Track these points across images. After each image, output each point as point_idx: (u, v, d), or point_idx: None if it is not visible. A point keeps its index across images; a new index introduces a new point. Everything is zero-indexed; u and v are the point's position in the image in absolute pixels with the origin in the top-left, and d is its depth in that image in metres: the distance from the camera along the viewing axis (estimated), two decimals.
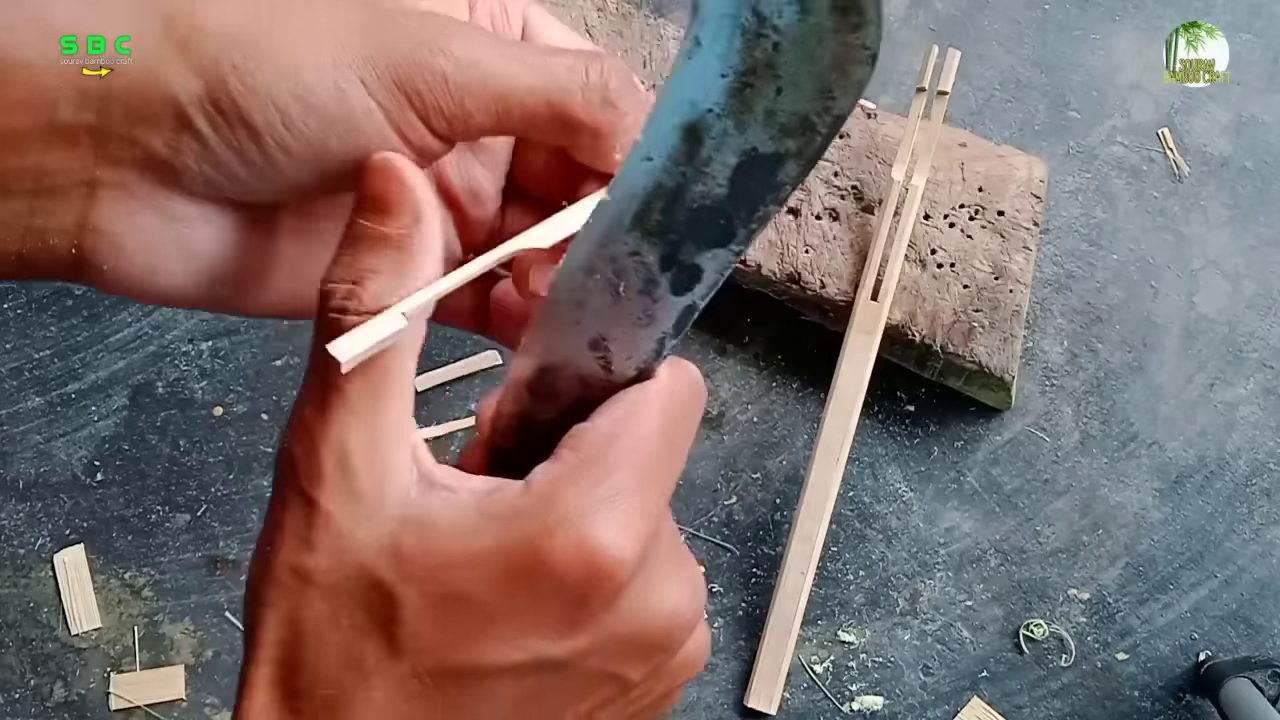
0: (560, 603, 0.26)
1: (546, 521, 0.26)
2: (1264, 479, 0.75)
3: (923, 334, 0.71)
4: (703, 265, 0.27)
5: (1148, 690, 0.72)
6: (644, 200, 0.26)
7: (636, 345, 0.28)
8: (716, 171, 0.25)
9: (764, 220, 0.26)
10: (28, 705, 0.71)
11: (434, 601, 0.26)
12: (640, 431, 0.28)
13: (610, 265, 0.27)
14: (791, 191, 0.26)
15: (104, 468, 0.75)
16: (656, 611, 0.28)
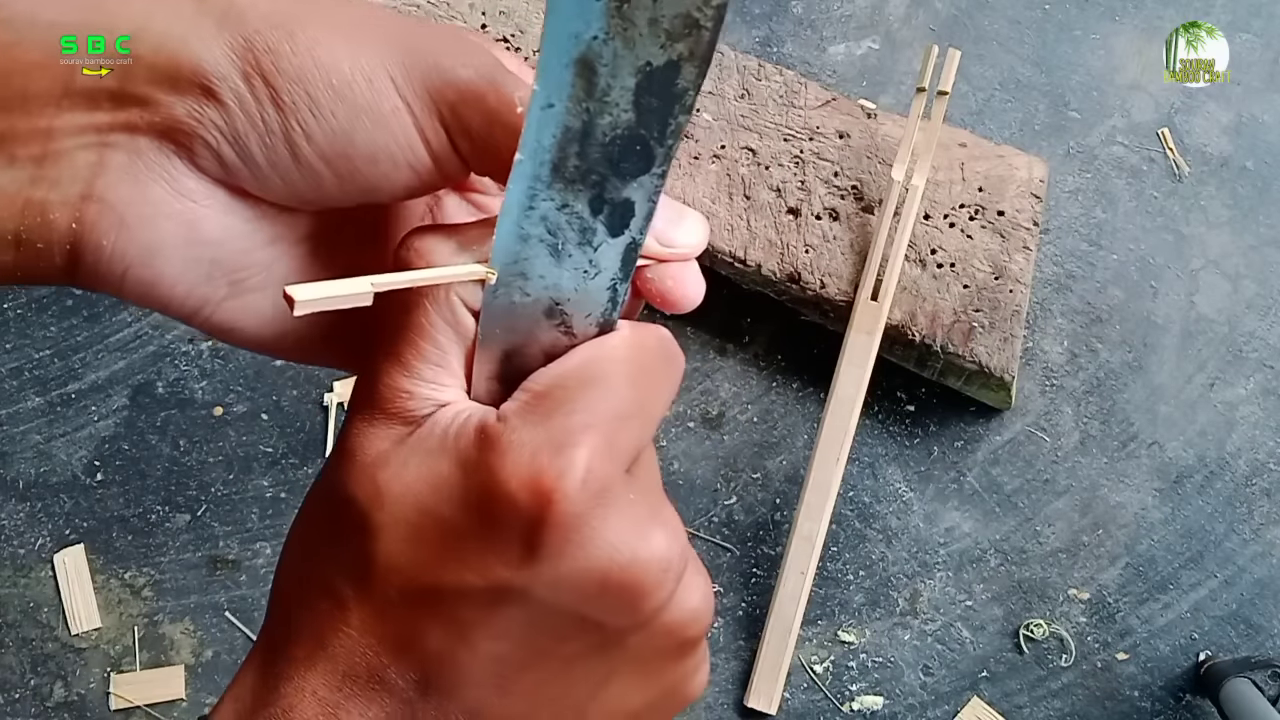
0: (517, 526, 0.26)
1: (502, 449, 0.26)
2: (1264, 479, 0.75)
3: (923, 334, 0.71)
4: (632, 198, 0.27)
5: (1148, 690, 0.72)
6: (556, 149, 0.26)
7: (591, 300, 0.28)
8: (618, 98, 0.25)
9: (677, 133, 0.26)
10: (28, 705, 0.71)
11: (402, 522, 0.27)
12: (597, 375, 0.28)
13: (542, 225, 0.27)
14: (694, 97, 0.25)
15: (104, 468, 0.75)
16: (624, 550, 0.27)
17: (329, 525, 0.28)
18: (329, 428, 0.75)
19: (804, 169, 0.73)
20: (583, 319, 0.28)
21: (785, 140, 0.74)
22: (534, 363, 0.29)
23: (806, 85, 0.75)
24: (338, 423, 0.75)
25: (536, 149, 0.26)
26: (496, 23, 0.74)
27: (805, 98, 0.75)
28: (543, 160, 0.26)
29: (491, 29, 0.74)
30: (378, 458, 0.27)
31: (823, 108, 0.75)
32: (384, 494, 0.27)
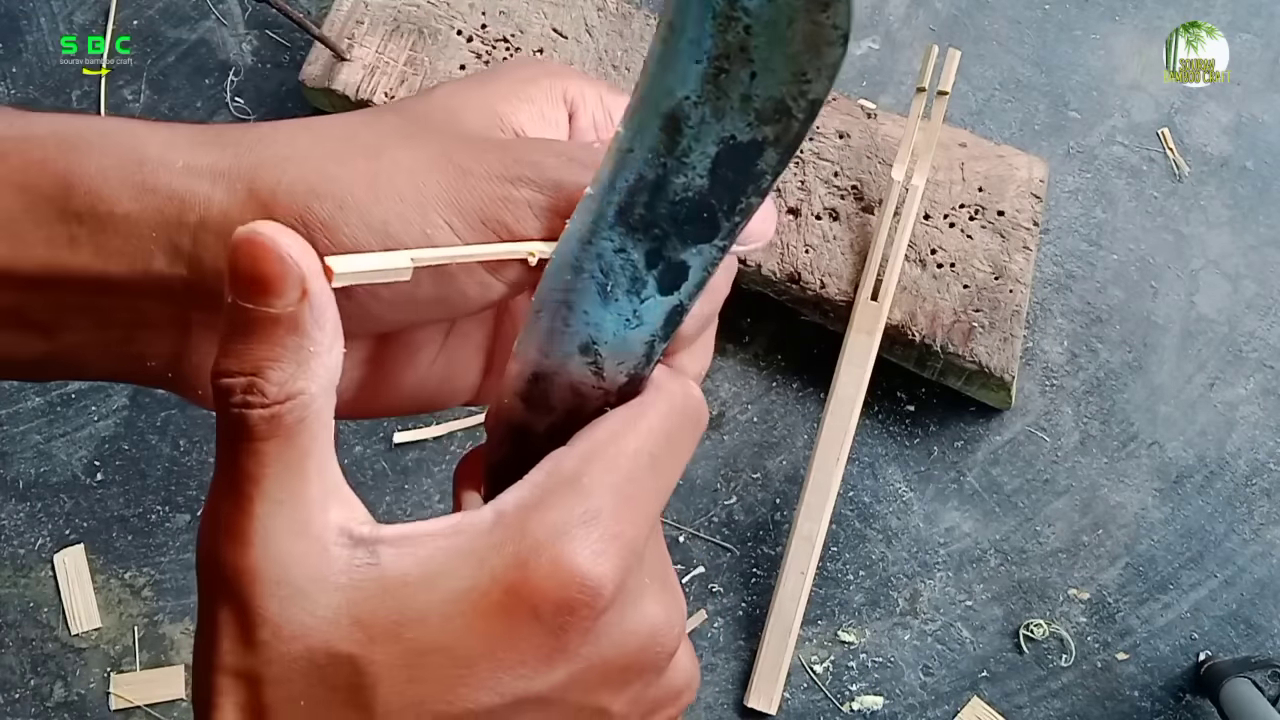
0: (537, 636, 0.25)
1: (519, 551, 0.25)
2: (1264, 479, 0.75)
3: (923, 334, 0.71)
4: (689, 262, 0.27)
5: (1148, 690, 0.72)
6: (626, 194, 0.26)
7: (626, 350, 0.28)
8: (696, 161, 0.25)
9: (746, 213, 0.26)
10: (28, 705, 0.71)
11: (405, 657, 0.25)
12: (621, 451, 0.27)
13: (597, 263, 0.27)
14: (773, 182, 0.26)
15: (104, 468, 0.75)
16: (634, 633, 0.27)
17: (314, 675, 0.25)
18: None
19: (804, 169, 0.73)
20: (614, 365, 0.28)
21: None
22: (558, 391, 0.29)
23: None
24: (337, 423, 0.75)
25: (607, 188, 0.26)
26: (496, 22, 0.74)
27: None
28: (610, 200, 0.26)
29: (491, 29, 0.74)
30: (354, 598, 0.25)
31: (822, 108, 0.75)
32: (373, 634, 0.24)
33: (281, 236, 0.24)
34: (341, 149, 0.28)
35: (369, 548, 0.25)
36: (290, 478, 0.25)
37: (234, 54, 0.81)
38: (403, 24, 0.74)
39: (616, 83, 0.74)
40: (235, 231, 0.24)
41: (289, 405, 0.25)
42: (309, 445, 0.25)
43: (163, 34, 0.81)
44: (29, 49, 0.81)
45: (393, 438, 0.75)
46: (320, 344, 0.25)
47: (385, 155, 0.27)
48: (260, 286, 0.24)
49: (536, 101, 0.32)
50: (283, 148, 0.28)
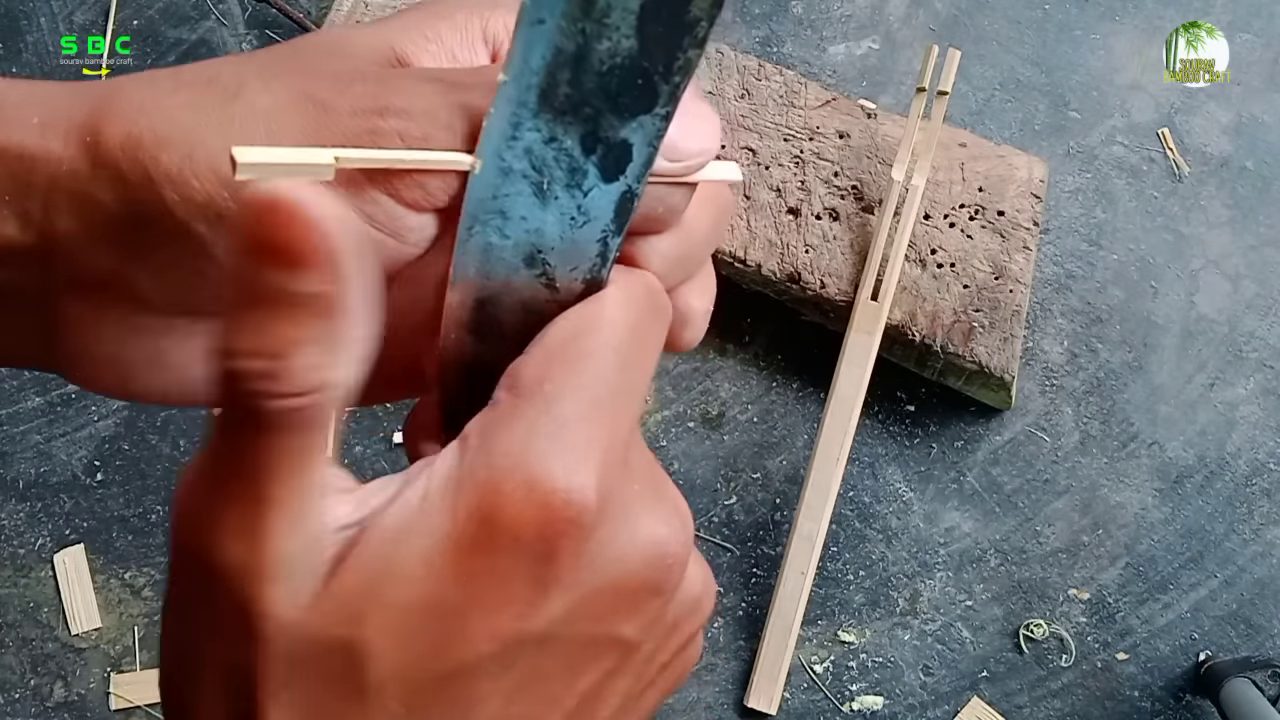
0: (524, 567, 0.22)
1: (489, 477, 0.22)
2: (1264, 479, 0.75)
3: (923, 334, 0.71)
4: (630, 139, 0.23)
5: (1148, 690, 0.72)
6: (545, 73, 0.22)
7: (578, 252, 0.25)
8: (619, 20, 0.22)
9: (686, 70, 0.22)
10: (28, 705, 0.71)
11: (390, 625, 0.22)
12: (582, 350, 0.24)
13: (526, 159, 0.23)
14: (709, 30, 0.22)
15: (104, 468, 0.75)
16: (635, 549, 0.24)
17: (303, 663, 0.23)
18: None
19: (804, 169, 0.73)
20: (567, 272, 0.25)
21: (785, 140, 0.74)
22: (509, 315, 0.25)
23: (806, 85, 0.75)
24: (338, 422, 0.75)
25: (523, 70, 0.22)
26: None
27: (805, 98, 0.75)
28: (529, 84, 0.22)
29: None
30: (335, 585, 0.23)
31: (823, 108, 0.75)
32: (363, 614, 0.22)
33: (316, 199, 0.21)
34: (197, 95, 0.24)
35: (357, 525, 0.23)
36: (298, 473, 0.22)
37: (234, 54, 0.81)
38: None
39: None
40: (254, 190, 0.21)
41: (312, 398, 0.21)
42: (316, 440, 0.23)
43: (163, 34, 0.81)
44: (29, 49, 0.81)
45: (393, 438, 0.75)
46: (351, 335, 0.22)
47: (241, 98, 0.24)
48: (287, 259, 0.21)
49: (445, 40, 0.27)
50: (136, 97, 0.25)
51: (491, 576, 0.22)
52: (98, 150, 0.24)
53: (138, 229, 0.24)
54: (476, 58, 0.27)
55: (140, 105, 0.24)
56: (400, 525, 0.22)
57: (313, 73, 0.25)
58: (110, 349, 0.27)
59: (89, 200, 0.24)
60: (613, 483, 0.23)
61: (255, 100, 0.24)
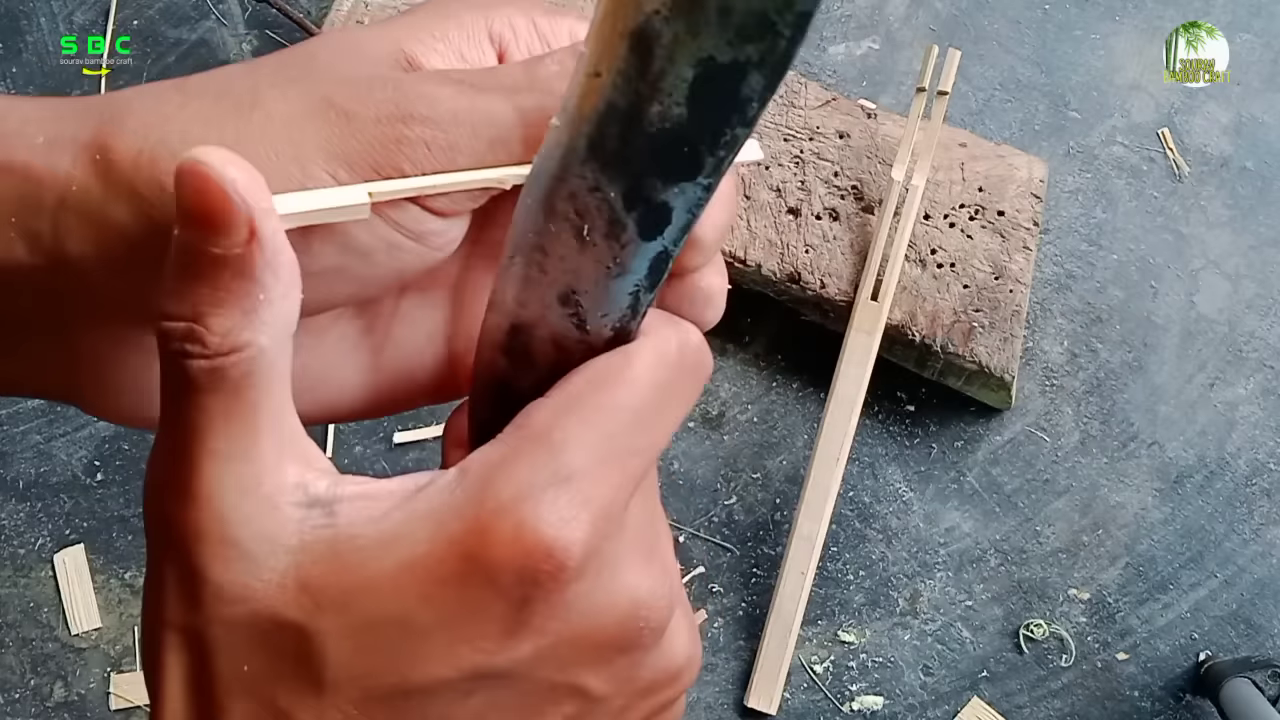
0: (497, 607, 0.22)
1: (480, 515, 0.22)
2: (1264, 479, 0.75)
3: (923, 334, 0.71)
4: (670, 203, 0.24)
5: (1148, 690, 0.72)
6: (596, 124, 0.23)
7: (609, 299, 0.25)
8: (672, 87, 0.22)
9: (731, 147, 0.23)
10: (28, 705, 0.71)
11: (354, 627, 0.22)
12: (600, 404, 0.24)
13: (571, 203, 0.24)
14: (760, 110, 0.23)
15: (104, 468, 0.75)
16: (611, 605, 0.24)
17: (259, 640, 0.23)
18: (329, 427, 0.75)
19: (804, 169, 0.73)
20: (598, 317, 0.25)
21: (785, 140, 0.74)
22: (540, 346, 0.26)
23: (806, 85, 0.75)
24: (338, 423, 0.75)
25: (575, 118, 0.23)
26: None
27: (805, 98, 0.75)
28: (580, 131, 0.23)
29: None
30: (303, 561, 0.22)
31: (823, 108, 0.75)
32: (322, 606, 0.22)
33: (228, 166, 0.21)
34: (210, 107, 0.24)
35: (326, 507, 0.23)
36: (239, 434, 0.22)
37: (234, 54, 0.81)
38: None
39: None
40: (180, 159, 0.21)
41: (234, 358, 0.22)
42: (259, 400, 0.23)
43: (163, 34, 0.81)
44: (29, 49, 0.81)
45: (393, 438, 0.75)
46: (272, 290, 0.22)
47: (257, 109, 0.24)
48: (204, 222, 0.21)
49: (453, 40, 0.27)
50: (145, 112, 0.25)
51: (462, 609, 0.22)
52: (109, 168, 0.24)
53: (155, 247, 0.23)
54: (484, 57, 0.28)
55: (150, 121, 0.24)
56: (382, 537, 0.22)
57: (328, 78, 0.25)
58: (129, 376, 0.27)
59: (102, 220, 0.24)
60: (602, 539, 0.23)
61: (272, 110, 0.24)
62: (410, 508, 0.23)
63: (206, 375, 0.22)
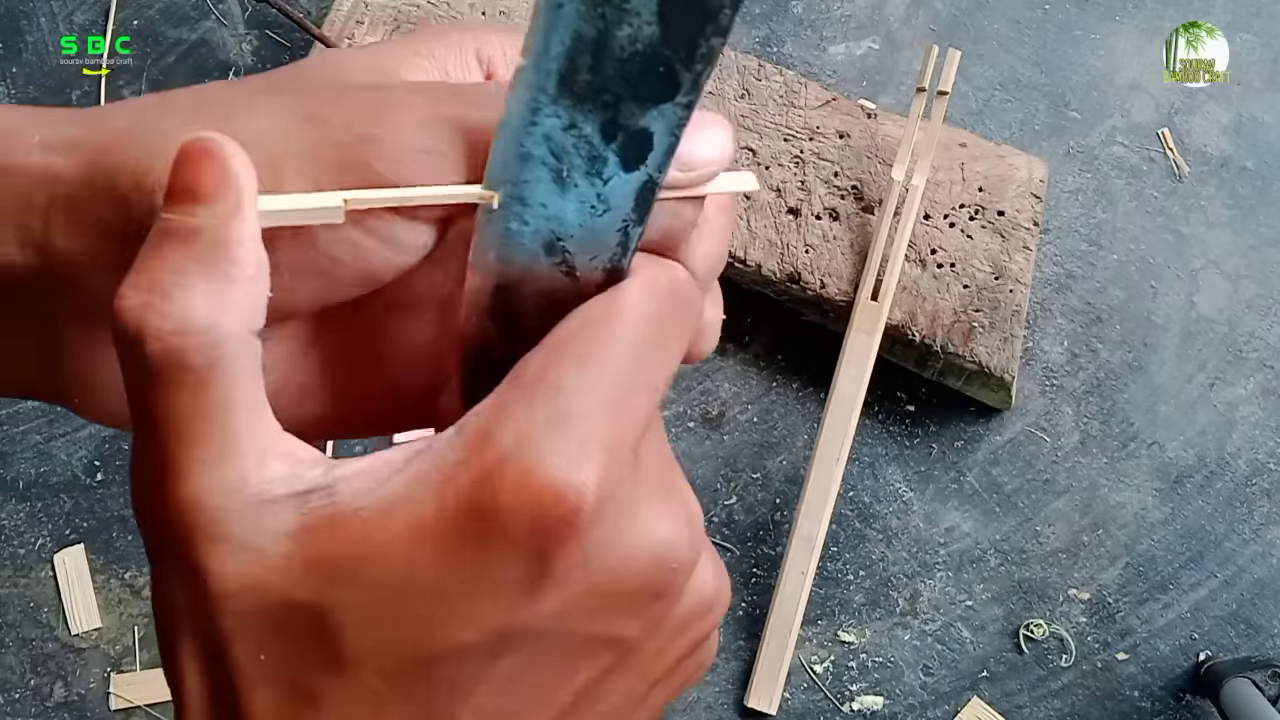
0: (516, 561, 0.22)
1: (483, 466, 0.21)
2: (1264, 479, 0.75)
3: (923, 334, 0.71)
4: (650, 127, 0.23)
5: (1148, 690, 0.72)
6: (565, 58, 0.22)
7: (598, 241, 0.24)
8: (640, 6, 0.21)
9: (709, 59, 0.22)
10: (28, 705, 0.71)
11: (369, 598, 0.22)
12: (594, 341, 0.23)
13: (545, 145, 0.23)
14: (733, 17, 0.22)
15: (104, 468, 0.75)
16: (636, 550, 0.23)
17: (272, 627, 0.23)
18: None
19: (804, 169, 0.73)
20: (587, 260, 0.25)
21: (785, 140, 0.74)
22: (530, 303, 0.25)
23: (806, 85, 0.75)
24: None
25: (541, 55, 0.22)
26: (496, 22, 0.74)
27: (805, 98, 0.75)
28: (548, 69, 0.22)
29: None
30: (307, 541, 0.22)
31: (823, 108, 0.75)
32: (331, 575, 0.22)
33: (229, 145, 0.21)
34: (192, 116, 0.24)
35: (324, 490, 0.22)
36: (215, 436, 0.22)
37: (234, 54, 0.81)
38: (403, 24, 0.74)
39: None
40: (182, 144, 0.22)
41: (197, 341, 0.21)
42: (229, 396, 0.22)
43: (163, 34, 0.81)
44: (29, 49, 0.81)
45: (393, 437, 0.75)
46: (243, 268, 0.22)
47: (236, 117, 0.24)
48: (193, 193, 0.21)
49: (438, 57, 0.27)
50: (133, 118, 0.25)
51: (480, 566, 0.22)
52: (100, 170, 0.24)
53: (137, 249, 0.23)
54: (469, 75, 0.27)
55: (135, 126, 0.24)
56: (384, 503, 0.22)
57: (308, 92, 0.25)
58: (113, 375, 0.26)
59: (91, 219, 0.24)
60: (615, 480, 0.22)
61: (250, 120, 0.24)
62: (410, 470, 0.22)
63: (165, 361, 0.21)
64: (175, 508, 0.22)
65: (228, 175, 0.21)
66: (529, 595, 0.22)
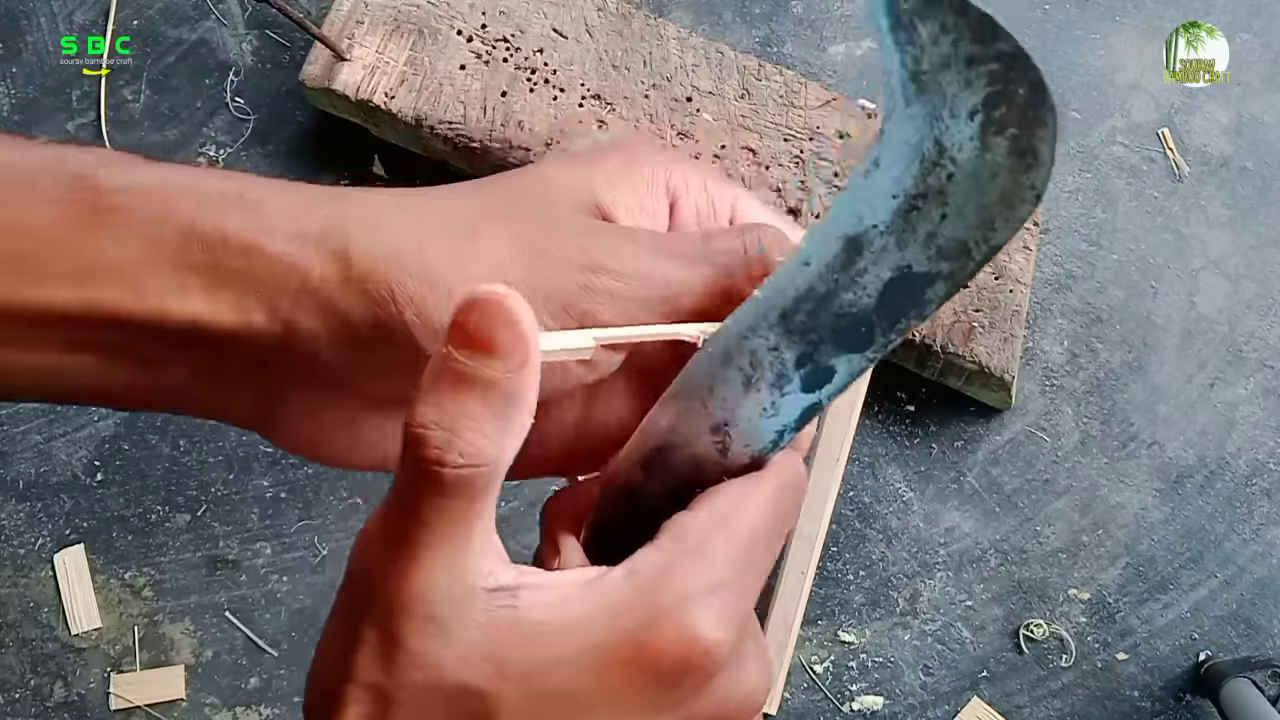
0: (654, 691, 0.27)
1: (651, 613, 0.26)
2: (1264, 479, 0.75)
3: (923, 334, 0.71)
4: (837, 367, 0.28)
5: (1148, 690, 0.72)
6: (794, 300, 0.27)
7: (756, 435, 0.29)
8: (869, 284, 0.27)
9: (903, 332, 0.28)
10: (28, 705, 0.71)
11: (531, 699, 0.26)
12: (744, 524, 0.28)
13: (748, 357, 0.28)
14: (936, 310, 0.27)
15: (104, 468, 0.75)
16: (737, 694, 0.28)
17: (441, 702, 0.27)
18: None
19: (804, 169, 0.73)
20: (740, 447, 0.29)
21: (785, 140, 0.74)
22: (679, 463, 0.30)
23: (806, 85, 0.75)
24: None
25: (776, 294, 0.27)
26: (496, 22, 0.74)
27: (805, 98, 0.75)
28: (776, 305, 0.27)
29: (491, 29, 0.74)
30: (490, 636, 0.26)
31: (823, 108, 0.75)
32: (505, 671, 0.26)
33: (518, 303, 0.25)
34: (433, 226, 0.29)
35: (510, 592, 0.27)
36: (461, 533, 0.26)
37: (234, 54, 0.81)
38: (403, 24, 0.74)
39: (617, 83, 0.74)
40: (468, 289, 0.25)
41: (481, 471, 0.25)
42: (483, 506, 0.26)
43: (163, 34, 0.81)
44: (29, 49, 0.81)
45: None
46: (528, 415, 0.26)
47: (471, 238, 0.29)
48: (487, 346, 0.25)
49: (637, 190, 0.32)
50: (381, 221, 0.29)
51: (626, 691, 0.26)
52: (348, 268, 0.29)
53: (374, 339, 0.29)
54: (658, 205, 0.33)
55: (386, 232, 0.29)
56: (564, 622, 0.26)
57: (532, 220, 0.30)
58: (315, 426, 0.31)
59: (335, 309, 0.29)
60: (741, 640, 0.28)
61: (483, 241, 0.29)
62: (588, 599, 0.27)
63: (454, 483, 0.25)
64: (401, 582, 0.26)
65: (520, 335, 0.25)
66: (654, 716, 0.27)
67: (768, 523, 0.29)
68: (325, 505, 0.74)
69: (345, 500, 0.74)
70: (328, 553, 0.74)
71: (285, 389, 0.31)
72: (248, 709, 0.72)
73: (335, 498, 0.74)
